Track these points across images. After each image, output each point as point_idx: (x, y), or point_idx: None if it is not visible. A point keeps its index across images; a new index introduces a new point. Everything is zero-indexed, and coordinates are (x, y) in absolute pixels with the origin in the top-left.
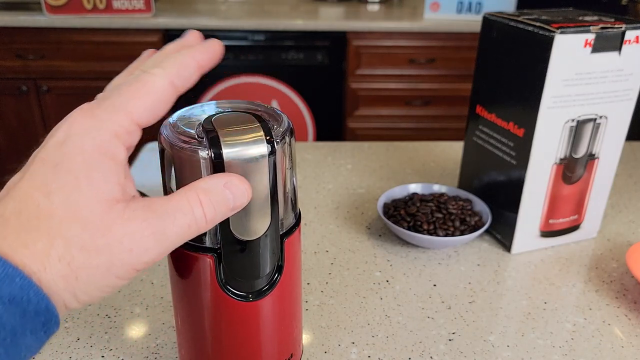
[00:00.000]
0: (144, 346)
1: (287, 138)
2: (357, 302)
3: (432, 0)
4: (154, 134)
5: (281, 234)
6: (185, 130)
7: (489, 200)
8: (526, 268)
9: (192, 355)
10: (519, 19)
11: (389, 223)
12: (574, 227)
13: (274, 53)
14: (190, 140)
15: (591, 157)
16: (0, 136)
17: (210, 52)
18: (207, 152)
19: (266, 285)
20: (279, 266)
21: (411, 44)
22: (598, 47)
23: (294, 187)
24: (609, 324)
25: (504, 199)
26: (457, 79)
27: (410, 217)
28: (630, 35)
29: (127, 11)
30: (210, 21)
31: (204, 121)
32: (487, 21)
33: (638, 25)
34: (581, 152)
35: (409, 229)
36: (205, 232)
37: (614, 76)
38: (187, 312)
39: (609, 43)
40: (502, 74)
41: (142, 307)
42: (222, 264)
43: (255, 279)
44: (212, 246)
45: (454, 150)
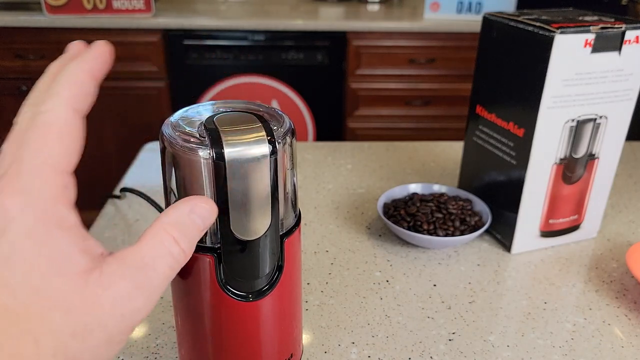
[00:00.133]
0: (144, 346)
1: (288, 138)
2: (357, 302)
3: (432, 0)
4: (154, 134)
5: (281, 234)
6: (187, 129)
7: (489, 200)
8: (526, 268)
9: (192, 355)
10: (519, 19)
11: (389, 223)
12: (574, 227)
13: (274, 53)
14: (191, 140)
15: (591, 157)
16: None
17: (100, 57)
18: (208, 151)
19: (266, 285)
20: (279, 266)
21: (411, 44)
22: (598, 47)
23: (294, 187)
24: (609, 324)
25: (504, 199)
26: (457, 79)
27: (410, 217)
28: (630, 35)
29: (127, 11)
30: (210, 21)
31: (205, 121)
32: (487, 21)
33: (638, 25)
34: (581, 152)
35: (409, 229)
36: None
37: (614, 76)
38: (187, 312)
39: (609, 43)
40: (502, 74)
41: None
42: (222, 264)
43: (255, 279)
44: (212, 246)
45: (454, 150)
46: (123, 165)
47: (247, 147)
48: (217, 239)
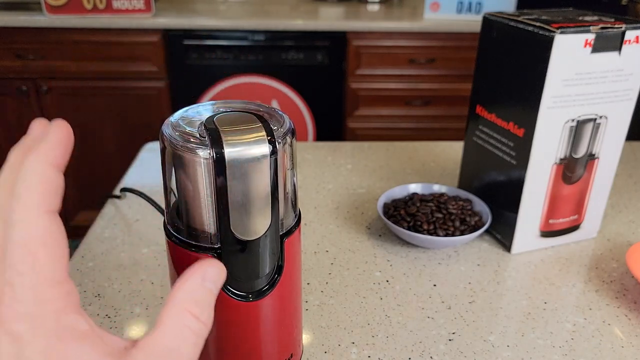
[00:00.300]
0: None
1: (288, 138)
2: (357, 302)
3: (432, 0)
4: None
5: (281, 234)
6: (187, 129)
7: (489, 200)
8: (526, 268)
9: None
10: (519, 19)
11: (389, 223)
12: (574, 227)
13: (274, 53)
14: (191, 140)
15: (591, 157)
16: (0, 136)
17: (61, 143)
18: (208, 151)
19: (266, 285)
20: (279, 266)
21: (411, 44)
22: (598, 47)
23: (294, 187)
24: (609, 324)
25: (504, 199)
26: (457, 79)
27: (410, 217)
28: (630, 35)
29: (127, 11)
30: (210, 21)
31: (205, 120)
32: (487, 21)
33: (638, 25)
34: (581, 152)
35: (409, 229)
36: (205, 232)
37: (614, 76)
38: None
39: (609, 43)
40: (502, 74)
41: (142, 307)
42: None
43: (255, 279)
44: (212, 246)
45: (454, 150)
46: (123, 165)
47: (247, 147)
48: (217, 239)
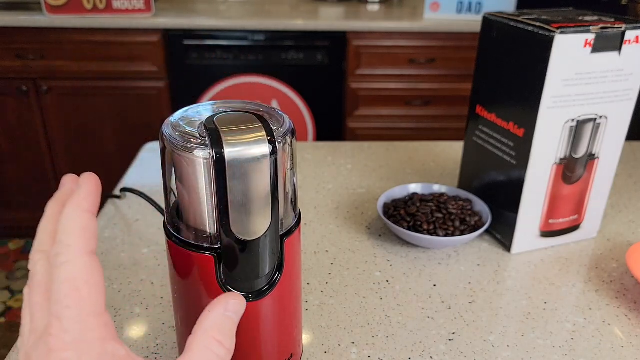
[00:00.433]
0: (144, 346)
1: (288, 138)
2: (357, 302)
3: (432, 0)
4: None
5: (281, 234)
6: (187, 129)
7: (489, 200)
8: (526, 268)
9: None
10: (519, 19)
11: (389, 223)
12: (574, 227)
13: (274, 53)
14: (191, 140)
15: (591, 157)
16: (0, 136)
17: (93, 192)
18: (208, 151)
19: (266, 285)
20: (279, 266)
21: (411, 44)
22: (598, 47)
23: (294, 187)
24: (609, 324)
25: (504, 199)
26: (457, 79)
27: (410, 217)
28: (630, 35)
29: (127, 11)
30: (210, 21)
31: (205, 120)
32: (487, 21)
33: (638, 25)
34: (581, 152)
35: (409, 229)
36: (205, 232)
37: (614, 76)
38: (187, 312)
39: (609, 43)
40: (502, 74)
41: (142, 307)
42: (222, 264)
43: (255, 279)
44: (212, 246)
45: (454, 150)
46: (123, 165)
47: (247, 147)
48: (217, 239)
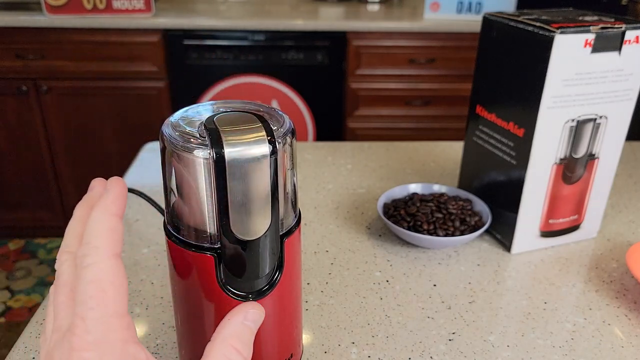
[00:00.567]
0: (144, 346)
1: (288, 138)
2: (357, 302)
3: (432, 0)
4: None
5: (281, 234)
6: (187, 129)
7: (489, 200)
8: (526, 268)
9: (192, 355)
10: (519, 19)
11: (389, 223)
12: (574, 227)
13: (274, 53)
14: (191, 140)
15: (591, 157)
16: (0, 136)
17: (120, 196)
18: (208, 151)
19: (266, 285)
20: (279, 266)
21: (411, 44)
22: (598, 47)
23: (294, 187)
24: (609, 324)
25: (504, 199)
26: (457, 79)
27: (410, 217)
28: (630, 35)
29: (127, 11)
30: (210, 21)
31: (205, 120)
32: (487, 21)
33: (638, 25)
34: (581, 152)
35: (409, 229)
36: (205, 232)
37: (614, 76)
38: (187, 312)
39: (609, 43)
40: (502, 74)
41: (142, 307)
42: (222, 264)
43: (255, 279)
44: (212, 246)
45: (454, 150)
46: (123, 165)
47: (247, 147)
48: (217, 239)
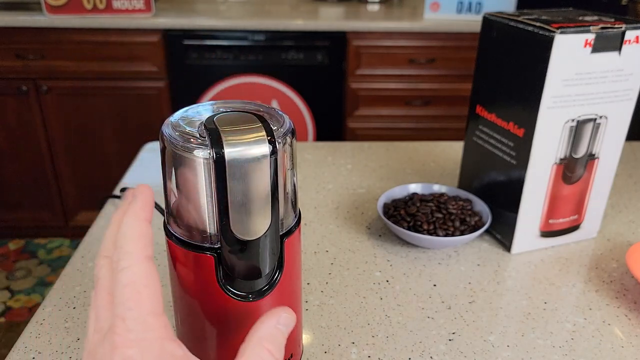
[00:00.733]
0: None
1: (288, 138)
2: (357, 302)
3: (432, 0)
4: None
5: (281, 234)
6: (187, 129)
7: (489, 200)
8: (526, 268)
9: None
10: (519, 19)
11: (389, 223)
12: (574, 227)
13: (274, 53)
14: (191, 140)
15: (591, 157)
16: (0, 136)
17: (149, 202)
18: (208, 151)
19: (266, 285)
20: (279, 266)
21: (411, 44)
22: (598, 47)
23: (294, 187)
24: (609, 324)
25: (504, 199)
26: (457, 79)
27: (410, 217)
28: (630, 35)
29: (127, 11)
30: (210, 21)
31: (205, 120)
32: (487, 21)
33: (638, 25)
34: (581, 152)
35: (409, 229)
36: (205, 232)
37: (614, 76)
38: (187, 312)
39: (609, 43)
40: (502, 74)
41: None
42: (222, 264)
43: (255, 279)
44: (212, 246)
45: (454, 150)
46: (123, 165)
47: (247, 147)
48: (217, 239)
